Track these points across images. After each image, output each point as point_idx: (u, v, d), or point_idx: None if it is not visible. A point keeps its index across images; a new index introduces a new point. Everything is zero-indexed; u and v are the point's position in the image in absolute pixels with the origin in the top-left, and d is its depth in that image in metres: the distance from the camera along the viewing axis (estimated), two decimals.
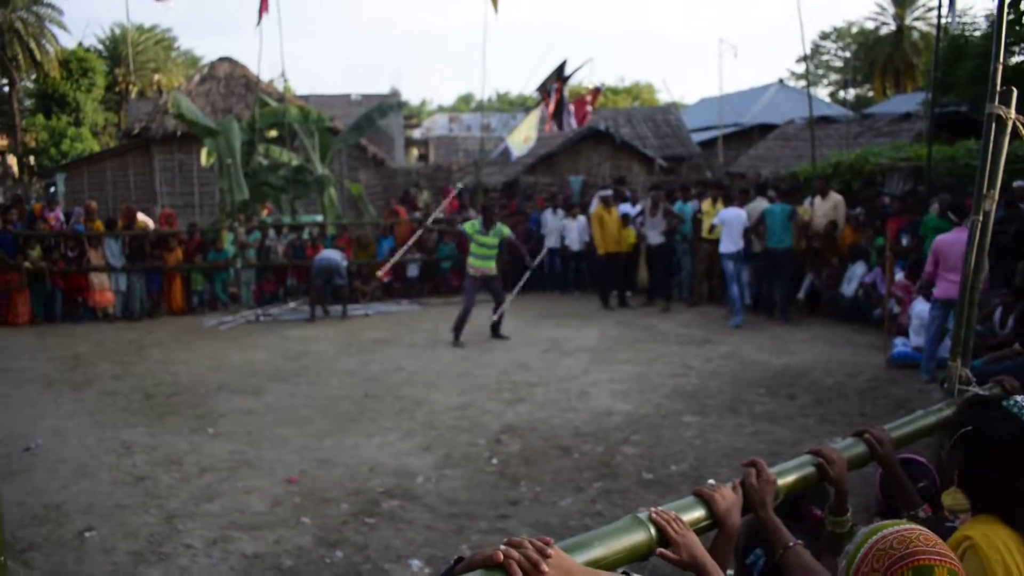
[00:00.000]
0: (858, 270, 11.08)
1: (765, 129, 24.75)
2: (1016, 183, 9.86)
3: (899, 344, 8.96)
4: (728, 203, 11.97)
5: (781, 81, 35.11)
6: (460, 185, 16.36)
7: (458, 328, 10.69)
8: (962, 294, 2.79)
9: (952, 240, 7.49)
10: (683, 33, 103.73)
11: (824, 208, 11.82)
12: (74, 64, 37.49)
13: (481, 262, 10.82)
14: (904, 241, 10.51)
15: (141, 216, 14.57)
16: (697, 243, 12.84)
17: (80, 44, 41.46)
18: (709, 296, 13.16)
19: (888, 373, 8.60)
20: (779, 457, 1.73)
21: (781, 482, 1.97)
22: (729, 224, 11.49)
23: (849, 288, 11.17)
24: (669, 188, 14.44)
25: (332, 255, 12.69)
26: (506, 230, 10.99)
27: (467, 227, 11.06)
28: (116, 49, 43.63)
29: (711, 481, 1.92)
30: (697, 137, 25.40)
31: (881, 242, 10.68)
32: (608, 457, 6.32)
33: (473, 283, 10.85)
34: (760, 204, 11.93)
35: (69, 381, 9.01)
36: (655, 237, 12.93)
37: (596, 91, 17.78)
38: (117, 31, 44.18)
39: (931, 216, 10.03)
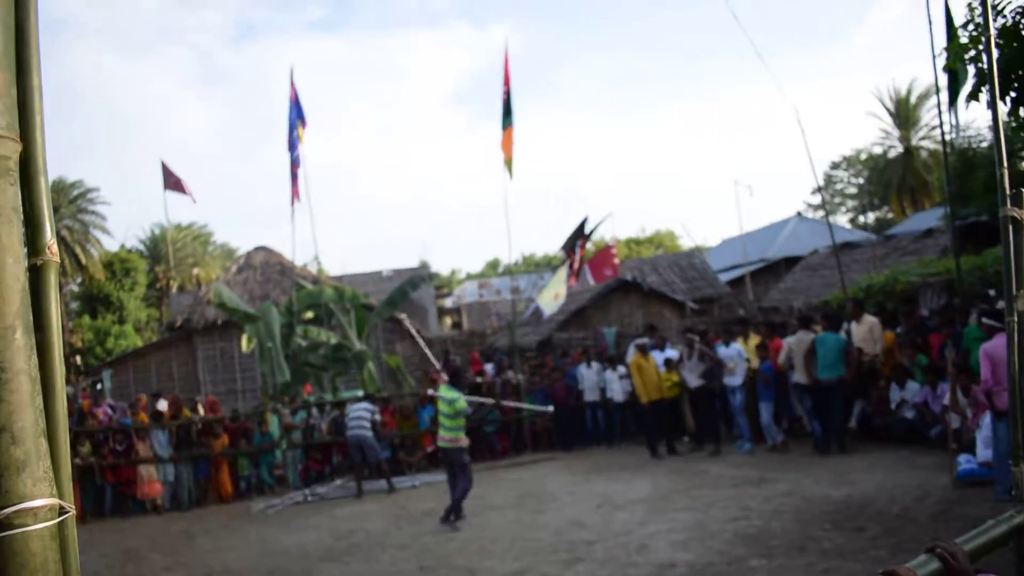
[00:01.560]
0: (908, 391, 10.88)
1: (790, 262, 24.98)
2: None
3: (964, 462, 8.67)
4: (772, 335, 12.15)
5: (799, 214, 35.65)
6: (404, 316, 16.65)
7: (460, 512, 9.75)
8: (1012, 396, 2.76)
9: (999, 345, 7.40)
10: (697, 179, 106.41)
11: (860, 332, 11.76)
12: (117, 265, 39.20)
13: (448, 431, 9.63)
14: (948, 355, 10.37)
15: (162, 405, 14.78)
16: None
17: (122, 246, 43.50)
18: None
19: (956, 493, 8.29)
20: None
21: None
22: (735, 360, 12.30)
23: (903, 410, 10.93)
24: (702, 330, 14.47)
25: (358, 428, 12.67)
26: (462, 403, 9.61)
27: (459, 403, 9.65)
28: (156, 247, 45.66)
29: None
30: (724, 276, 25.67)
31: (924, 360, 10.54)
32: None
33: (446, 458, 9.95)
34: (805, 336, 11.79)
35: None
36: (694, 380, 12.86)
37: (608, 248, 18.18)
38: (156, 231, 46.38)
39: (971, 327, 9.93)
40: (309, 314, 17.91)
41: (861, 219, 48.02)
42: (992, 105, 2.72)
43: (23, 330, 0.98)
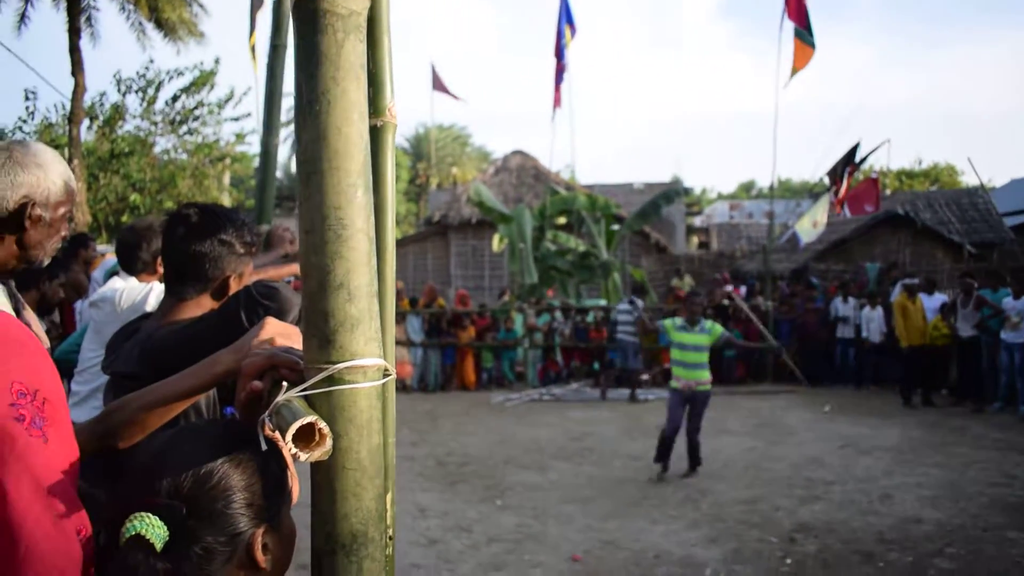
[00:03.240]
0: None
1: None
2: None
3: None
4: None
5: None
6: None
7: (661, 454, 8.23)
8: None
9: None
10: (989, 109, 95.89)
11: None
12: None
13: (687, 371, 8.20)
14: None
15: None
16: None
17: None
18: None
19: None
20: None
21: None
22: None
23: None
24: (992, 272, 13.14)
25: (624, 333, 12.77)
26: (719, 328, 8.33)
27: (666, 324, 8.40)
28: (419, 145, 47.97)
29: None
30: (1011, 221, 23.08)
31: None
32: (919, 569, 5.69)
33: (679, 399, 8.25)
34: None
35: None
36: (967, 330, 11.78)
37: (874, 180, 16.76)
38: (420, 130, 48.63)
39: None
40: (560, 220, 18.16)
41: None
42: None
43: (364, 188, 0.98)
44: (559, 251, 16.94)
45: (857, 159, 15.60)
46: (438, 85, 22.02)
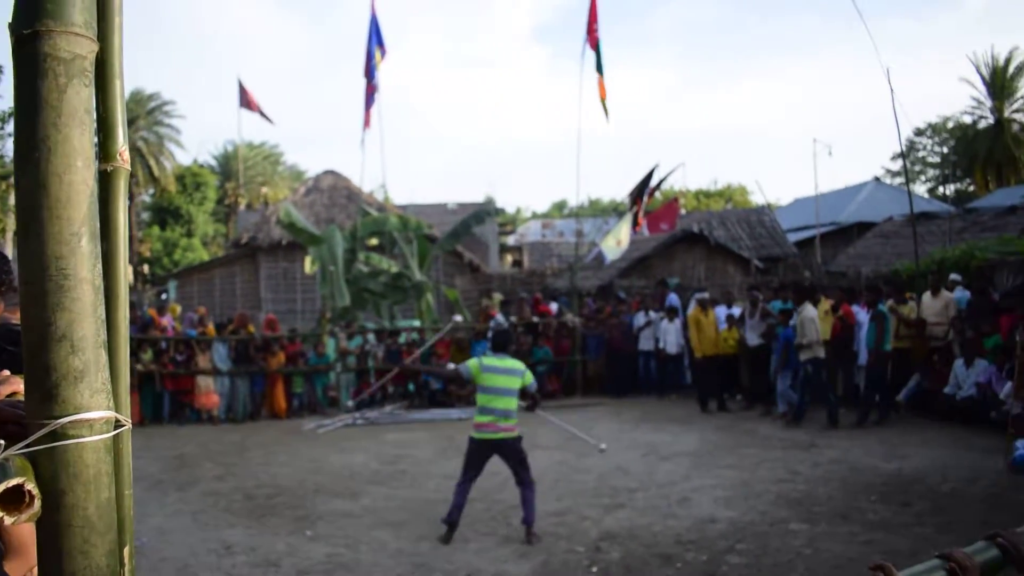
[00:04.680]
0: (975, 370, 10.57)
1: (863, 227, 24.30)
2: None
3: (1021, 447, 8.42)
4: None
5: (877, 179, 34.57)
6: None
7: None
8: None
9: None
10: (775, 134, 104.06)
11: (936, 306, 11.43)
12: (188, 179, 39.97)
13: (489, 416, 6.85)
14: (1018, 338, 10.03)
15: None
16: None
17: (195, 160, 44.25)
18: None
19: (1010, 479, 8.07)
20: (897, 568, 1.61)
21: None
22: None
23: (966, 388, 10.64)
24: (778, 287, 14.21)
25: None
26: (529, 377, 6.97)
27: (472, 366, 6.91)
28: (227, 164, 46.38)
29: None
30: (793, 237, 25.09)
31: (994, 342, 10.21)
32: (712, 567, 6.06)
33: (479, 452, 6.94)
34: (809, 312, 11.45)
35: (174, 481, 9.22)
36: (754, 339, 12.69)
37: (673, 201, 17.89)
38: (229, 148, 47.05)
39: None
40: (373, 241, 18.05)
41: (941, 190, 46.41)
42: None
43: (89, 237, 0.95)
44: (371, 272, 16.82)
45: (655, 182, 16.49)
46: (246, 102, 21.42)
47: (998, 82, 40.14)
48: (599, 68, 16.08)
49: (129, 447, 1.04)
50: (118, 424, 0.99)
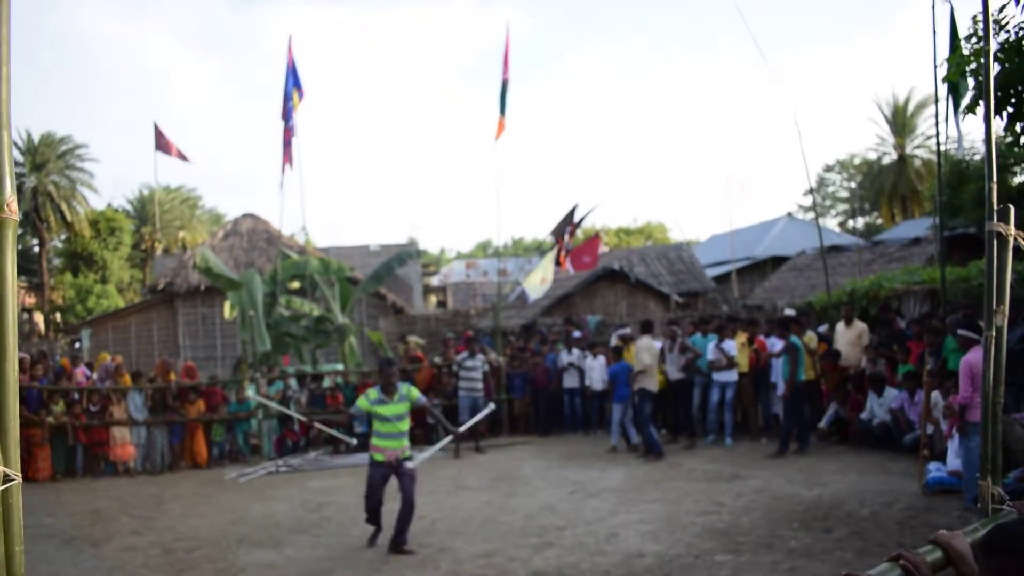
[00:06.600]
0: (887, 396, 10.93)
1: (777, 261, 25.06)
2: None
3: (933, 470, 8.73)
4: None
5: (790, 215, 35.75)
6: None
7: (372, 519, 8.10)
8: (985, 410, 2.77)
9: (979, 358, 7.34)
10: (691, 172, 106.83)
11: (850, 336, 11.82)
12: (103, 224, 38.90)
13: (387, 441, 7.85)
14: (928, 365, 10.42)
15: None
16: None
17: (109, 205, 43.18)
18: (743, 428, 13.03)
19: (925, 500, 8.35)
20: None
21: None
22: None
23: (879, 414, 10.98)
24: (698, 321, 14.51)
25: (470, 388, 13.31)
26: (415, 392, 8.15)
27: (361, 403, 8.02)
28: (143, 208, 45.37)
29: None
30: (711, 272, 25.72)
31: (906, 369, 10.60)
32: None
33: (382, 473, 7.91)
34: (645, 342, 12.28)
35: (88, 537, 8.86)
36: (674, 373, 12.89)
37: (595, 238, 18.19)
38: (145, 192, 46.07)
39: (951, 338, 9.96)
40: (294, 284, 17.83)
41: (851, 223, 48.25)
42: (986, 119, 2.71)
43: None
44: (293, 316, 16.60)
45: (576, 219, 16.72)
46: (162, 145, 20.98)
47: (899, 120, 42.12)
48: (502, 109, 16.44)
49: (19, 501, 1.01)
50: (6, 479, 0.97)
